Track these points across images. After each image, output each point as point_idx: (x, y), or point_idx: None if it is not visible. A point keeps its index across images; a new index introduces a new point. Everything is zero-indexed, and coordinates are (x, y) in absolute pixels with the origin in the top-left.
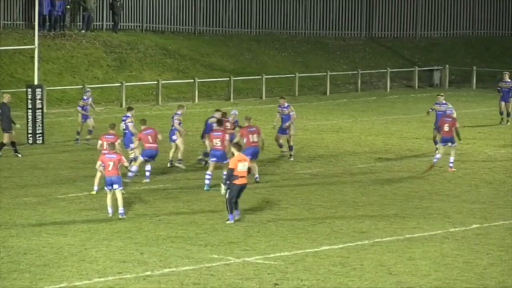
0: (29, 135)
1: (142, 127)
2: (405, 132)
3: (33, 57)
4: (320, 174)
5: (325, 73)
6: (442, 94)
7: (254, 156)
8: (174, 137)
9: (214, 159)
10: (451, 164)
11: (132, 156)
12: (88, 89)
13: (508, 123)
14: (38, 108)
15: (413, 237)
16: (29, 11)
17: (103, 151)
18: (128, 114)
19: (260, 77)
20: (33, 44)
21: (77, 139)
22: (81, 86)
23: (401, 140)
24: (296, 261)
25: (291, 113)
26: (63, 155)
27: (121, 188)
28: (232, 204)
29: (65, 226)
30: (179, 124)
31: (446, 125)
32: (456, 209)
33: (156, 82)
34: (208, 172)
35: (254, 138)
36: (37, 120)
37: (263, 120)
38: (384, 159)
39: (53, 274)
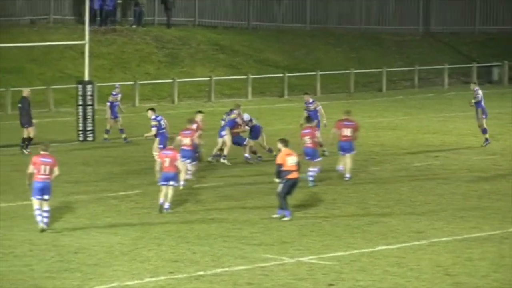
0: (80, 132)
1: (186, 126)
2: (463, 129)
3: (83, 52)
4: (376, 173)
5: (381, 69)
6: (475, 82)
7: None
8: (223, 133)
9: (307, 157)
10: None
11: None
12: (118, 85)
13: None
14: (89, 105)
15: (471, 237)
16: (79, 5)
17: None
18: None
19: (314, 73)
20: (84, 40)
21: (105, 138)
22: (132, 82)
23: (459, 137)
24: (351, 261)
25: (317, 108)
26: (114, 152)
27: (177, 184)
28: (282, 199)
29: (116, 224)
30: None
31: None
32: None
33: (208, 78)
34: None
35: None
36: (88, 117)
37: None
38: (441, 157)
39: (104, 274)
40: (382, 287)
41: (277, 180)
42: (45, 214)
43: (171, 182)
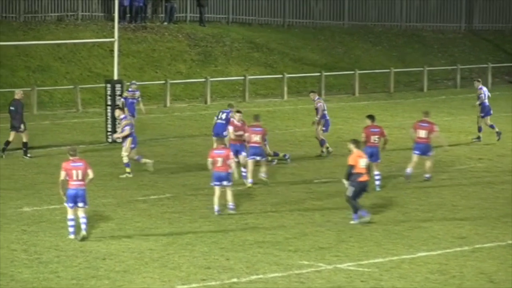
0: (108, 134)
1: (253, 123)
2: (508, 131)
3: (112, 50)
4: (416, 175)
5: (422, 68)
6: (479, 79)
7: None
8: (225, 133)
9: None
10: None
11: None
12: (134, 82)
13: None
14: (118, 105)
15: None
16: (109, 1)
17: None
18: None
19: (353, 72)
20: (113, 37)
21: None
22: (163, 82)
23: (503, 139)
24: (391, 268)
25: (318, 105)
26: (144, 155)
27: (230, 183)
28: (355, 202)
29: (146, 229)
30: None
31: None
32: None
33: (243, 78)
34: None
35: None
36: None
37: (355, 118)
38: (485, 160)
39: (133, 281)
40: None
41: (345, 182)
42: (83, 221)
43: (224, 182)
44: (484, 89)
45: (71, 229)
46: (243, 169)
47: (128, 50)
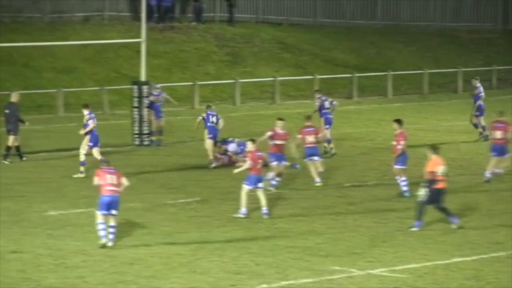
0: (135, 136)
1: (306, 123)
2: None
3: (139, 51)
4: (450, 180)
5: (457, 69)
6: (477, 77)
7: None
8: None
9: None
10: None
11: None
12: (157, 85)
13: None
14: (145, 107)
15: None
16: (136, 1)
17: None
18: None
19: (385, 73)
20: (140, 38)
21: (152, 141)
22: (191, 83)
23: None
24: (425, 274)
25: (317, 103)
26: (172, 158)
27: (263, 187)
28: (424, 209)
29: (174, 234)
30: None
31: None
32: None
33: (272, 79)
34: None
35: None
36: (144, 120)
37: (388, 120)
38: None
39: (161, 287)
40: None
41: (422, 188)
42: (111, 230)
43: (260, 184)
44: (482, 88)
45: (101, 233)
46: (276, 178)
47: (155, 51)
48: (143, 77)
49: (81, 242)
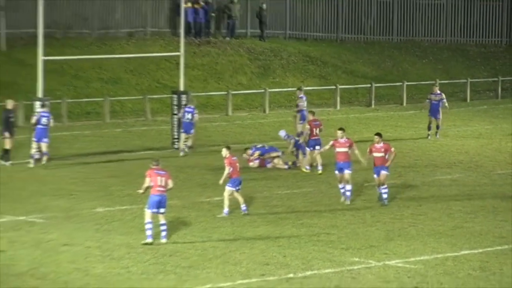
0: (174, 140)
1: (311, 118)
2: None
3: (178, 63)
4: (460, 180)
5: (466, 80)
6: (437, 84)
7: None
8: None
9: None
10: None
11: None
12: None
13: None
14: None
15: None
16: (174, 18)
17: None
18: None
19: (401, 83)
20: (179, 51)
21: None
22: (225, 92)
23: None
24: (436, 265)
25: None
26: (207, 160)
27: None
28: None
29: (209, 229)
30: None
31: None
32: None
33: (298, 89)
34: None
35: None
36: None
37: (404, 126)
38: None
39: (198, 276)
40: None
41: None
42: (163, 228)
43: (239, 187)
44: (443, 94)
45: (148, 232)
46: (346, 187)
47: (193, 63)
48: (181, 87)
49: (126, 236)
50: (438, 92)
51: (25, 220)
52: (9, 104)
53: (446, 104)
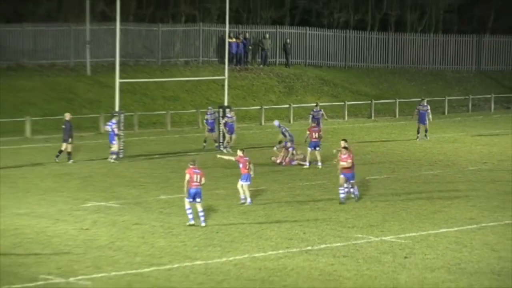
0: (220, 143)
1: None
2: (505, 143)
3: (223, 85)
4: (439, 174)
5: (444, 98)
6: (424, 98)
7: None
8: None
9: None
10: None
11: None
12: (210, 107)
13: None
14: (231, 122)
15: (511, 223)
16: (221, 50)
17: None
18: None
19: (394, 100)
20: (224, 75)
21: (204, 146)
22: (259, 107)
23: (502, 149)
24: (421, 240)
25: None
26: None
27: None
28: None
29: (247, 212)
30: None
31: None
32: None
33: (315, 104)
34: None
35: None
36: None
37: (396, 133)
38: (489, 163)
39: (237, 248)
40: (444, 259)
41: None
42: (201, 214)
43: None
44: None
45: (190, 216)
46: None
47: (234, 85)
48: (226, 103)
49: (182, 218)
50: (425, 104)
51: (105, 205)
52: (68, 116)
53: (430, 116)
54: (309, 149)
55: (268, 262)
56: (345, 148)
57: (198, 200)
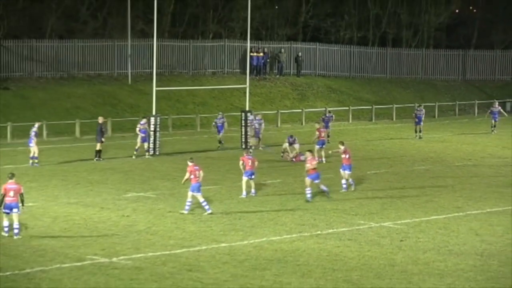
0: (242, 142)
1: (318, 126)
2: (487, 142)
3: (245, 92)
4: (430, 169)
5: (434, 104)
6: (421, 105)
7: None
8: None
9: None
10: None
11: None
12: (220, 113)
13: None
14: (249, 125)
15: (492, 211)
16: (243, 62)
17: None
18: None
19: (392, 106)
20: (245, 84)
21: (218, 147)
22: (275, 111)
23: (484, 147)
24: (414, 226)
25: (331, 117)
26: (265, 156)
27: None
28: None
29: (264, 202)
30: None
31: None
32: None
33: (324, 109)
34: None
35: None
36: (248, 134)
37: (393, 133)
38: (473, 160)
39: (257, 232)
40: (435, 242)
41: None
42: (204, 204)
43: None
44: (423, 110)
45: (187, 207)
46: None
47: (254, 92)
48: (247, 108)
49: (210, 206)
50: (422, 109)
51: (143, 196)
52: (100, 119)
53: (423, 117)
54: (317, 146)
55: (283, 245)
56: (309, 151)
57: (199, 193)
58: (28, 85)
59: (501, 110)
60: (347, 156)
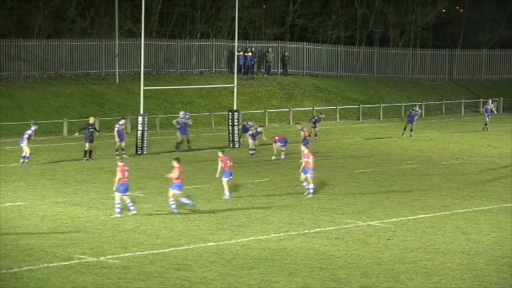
0: (230, 142)
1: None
2: (473, 141)
3: (233, 92)
4: (417, 168)
5: (421, 103)
6: (416, 104)
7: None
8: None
9: None
10: None
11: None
12: (186, 113)
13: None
14: (236, 125)
15: (478, 210)
16: (230, 62)
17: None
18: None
19: (379, 105)
20: (233, 83)
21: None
22: (263, 111)
23: (471, 146)
24: (401, 224)
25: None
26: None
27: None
28: None
29: (252, 201)
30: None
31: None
32: (508, 191)
33: (311, 108)
34: None
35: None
36: (236, 134)
37: (381, 133)
38: (459, 159)
39: (245, 231)
40: (421, 241)
41: None
42: (185, 201)
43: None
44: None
45: (173, 206)
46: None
47: (242, 91)
48: (234, 107)
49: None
50: (417, 109)
51: (130, 195)
52: (91, 119)
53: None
54: (302, 145)
55: (271, 244)
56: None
57: (181, 192)
58: (16, 85)
59: (493, 109)
60: (309, 159)
